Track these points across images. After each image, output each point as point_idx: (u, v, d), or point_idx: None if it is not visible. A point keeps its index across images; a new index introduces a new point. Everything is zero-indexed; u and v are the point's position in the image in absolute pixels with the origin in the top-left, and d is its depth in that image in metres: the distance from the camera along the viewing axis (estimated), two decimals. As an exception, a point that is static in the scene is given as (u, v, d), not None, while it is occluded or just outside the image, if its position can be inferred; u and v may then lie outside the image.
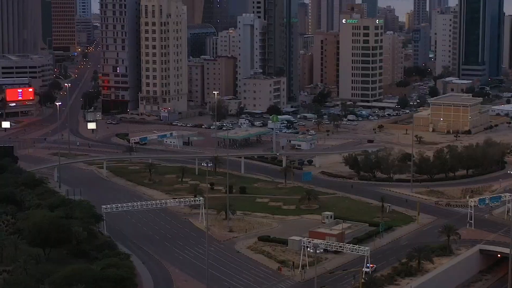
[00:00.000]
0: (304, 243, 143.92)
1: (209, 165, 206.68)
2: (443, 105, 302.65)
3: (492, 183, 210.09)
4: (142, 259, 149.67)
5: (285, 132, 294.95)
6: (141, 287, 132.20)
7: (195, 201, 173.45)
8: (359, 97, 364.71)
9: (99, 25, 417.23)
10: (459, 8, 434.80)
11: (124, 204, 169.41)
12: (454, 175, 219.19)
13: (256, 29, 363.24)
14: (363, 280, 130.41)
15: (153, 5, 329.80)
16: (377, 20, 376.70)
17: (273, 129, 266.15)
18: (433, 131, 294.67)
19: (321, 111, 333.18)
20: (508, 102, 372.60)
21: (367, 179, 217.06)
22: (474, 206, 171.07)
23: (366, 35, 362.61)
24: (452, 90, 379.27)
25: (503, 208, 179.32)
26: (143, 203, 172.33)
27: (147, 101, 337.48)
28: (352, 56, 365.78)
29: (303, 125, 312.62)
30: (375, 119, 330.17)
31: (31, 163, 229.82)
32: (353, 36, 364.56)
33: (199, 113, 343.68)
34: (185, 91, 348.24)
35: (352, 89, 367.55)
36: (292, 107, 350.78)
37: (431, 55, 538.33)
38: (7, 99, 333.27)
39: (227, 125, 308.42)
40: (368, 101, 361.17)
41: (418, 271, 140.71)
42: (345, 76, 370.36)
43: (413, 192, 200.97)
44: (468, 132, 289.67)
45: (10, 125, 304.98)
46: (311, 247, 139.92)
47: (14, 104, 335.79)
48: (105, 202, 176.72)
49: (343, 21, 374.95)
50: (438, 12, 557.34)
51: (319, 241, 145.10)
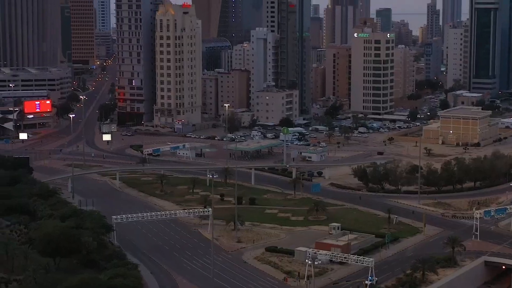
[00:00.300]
0: (309, 254, 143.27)
1: (215, 176, 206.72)
2: (453, 117, 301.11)
3: (499, 195, 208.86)
4: (150, 269, 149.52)
5: (297, 144, 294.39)
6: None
7: (204, 212, 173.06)
8: (370, 109, 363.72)
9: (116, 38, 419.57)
10: (469, 22, 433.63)
11: (134, 215, 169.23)
12: (461, 187, 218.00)
13: (269, 43, 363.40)
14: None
15: (168, 20, 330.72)
16: (388, 34, 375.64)
17: (283, 141, 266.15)
18: (442, 143, 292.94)
19: (333, 123, 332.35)
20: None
21: (376, 191, 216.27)
22: (480, 218, 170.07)
23: (378, 49, 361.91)
24: (463, 103, 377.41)
25: (508, 220, 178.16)
26: (153, 213, 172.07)
27: (161, 113, 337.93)
28: (364, 70, 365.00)
29: (314, 137, 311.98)
30: (385, 131, 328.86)
31: (46, 174, 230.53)
32: (364, 50, 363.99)
33: (212, 125, 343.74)
34: (199, 103, 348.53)
35: (363, 102, 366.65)
36: (304, 119, 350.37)
37: (443, 69, 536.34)
38: (25, 111, 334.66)
39: (239, 137, 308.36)
40: (379, 114, 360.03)
41: (423, 282, 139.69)
42: (356, 89, 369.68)
43: (420, 204, 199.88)
44: (477, 145, 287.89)
45: (28, 136, 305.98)
46: (309, 259, 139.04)
47: (32, 116, 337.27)
48: (116, 212, 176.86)
49: (355, 35, 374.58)
50: (450, 26, 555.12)
51: (323, 252, 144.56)
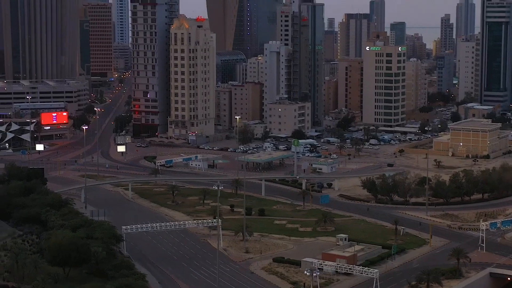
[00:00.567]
0: (315, 265, 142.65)
1: (221, 187, 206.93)
2: (463, 130, 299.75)
3: (506, 207, 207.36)
4: (158, 278, 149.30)
5: (308, 155, 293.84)
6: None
7: (212, 222, 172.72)
8: (382, 122, 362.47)
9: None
10: (481, 35, 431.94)
11: (144, 225, 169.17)
12: (469, 199, 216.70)
13: (282, 56, 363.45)
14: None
15: (182, 33, 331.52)
16: (400, 48, 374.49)
17: (295, 152, 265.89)
18: (452, 155, 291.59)
19: (344, 135, 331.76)
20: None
21: (384, 202, 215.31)
22: (486, 229, 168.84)
23: (389, 62, 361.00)
24: (474, 115, 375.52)
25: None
26: (162, 224, 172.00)
27: (175, 125, 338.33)
28: (375, 82, 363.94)
29: (326, 149, 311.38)
30: (396, 143, 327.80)
31: (60, 184, 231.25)
32: (376, 63, 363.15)
33: (226, 136, 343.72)
34: (212, 115, 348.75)
35: (375, 114, 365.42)
36: (316, 131, 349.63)
37: (455, 82, 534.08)
38: (42, 122, 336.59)
39: (252, 148, 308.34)
40: (390, 126, 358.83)
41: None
42: (368, 101, 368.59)
43: (428, 215, 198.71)
44: (487, 157, 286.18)
45: (44, 147, 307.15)
46: (307, 270, 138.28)
47: (48, 128, 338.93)
48: (127, 222, 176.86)
49: (367, 48, 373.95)
50: (462, 39, 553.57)
51: (329, 263, 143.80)
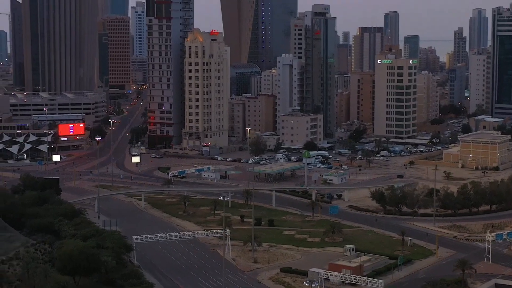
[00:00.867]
0: (321, 275, 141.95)
1: (226, 199, 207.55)
2: (473, 142, 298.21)
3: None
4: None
5: (319, 167, 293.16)
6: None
7: (221, 232, 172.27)
8: (393, 133, 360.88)
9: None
10: (492, 49, 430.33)
11: (154, 235, 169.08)
12: (477, 210, 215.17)
13: (295, 68, 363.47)
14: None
15: (196, 46, 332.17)
16: (411, 61, 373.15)
17: (306, 163, 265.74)
18: (462, 167, 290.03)
19: (356, 147, 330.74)
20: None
21: (393, 213, 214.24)
22: (492, 241, 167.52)
23: (400, 74, 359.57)
24: (484, 127, 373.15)
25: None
26: (172, 234, 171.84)
27: (190, 137, 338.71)
28: (387, 95, 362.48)
29: (337, 160, 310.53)
30: (407, 155, 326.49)
31: (75, 194, 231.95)
32: (387, 75, 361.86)
33: (239, 148, 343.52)
34: (226, 127, 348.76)
35: (386, 126, 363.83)
36: (328, 143, 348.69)
37: (467, 94, 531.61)
38: (59, 133, 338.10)
39: (264, 159, 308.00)
40: (402, 138, 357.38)
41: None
42: (380, 113, 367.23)
43: (435, 226, 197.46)
44: (496, 169, 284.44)
45: (60, 158, 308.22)
46: (306, 281, 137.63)
47: (65, 139, 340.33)
48: (139, 232, 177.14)
49: (378, 61, 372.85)
50: (474, 53, 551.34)
51: (335, 273, 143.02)
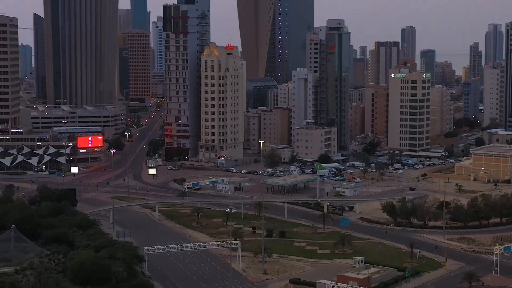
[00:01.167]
0: (329, 287, 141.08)
1: (233, 210, 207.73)
2: (485, 155, 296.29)
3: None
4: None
5: (333, 179, 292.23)
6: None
7: (232, 244, 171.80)
8: (407, 146, 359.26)
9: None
10: (505, 63, 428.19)
11: (165, 246, 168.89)
12: (487, 223, 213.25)
13: (309, 82, 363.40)
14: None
15: (212, 60, 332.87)
16: (424, 75, 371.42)
17: (319, 176, 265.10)
18: (474, 180, 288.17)
19: (369, 159, 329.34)
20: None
21: (403, 226, 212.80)
22: (500, 253, 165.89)
23: (414, 88, 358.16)
24: (498, 140, 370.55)
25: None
26: (183, 245, 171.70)
27: (206, 149, 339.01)
28: (400, 108, 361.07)
29: (350, 173, 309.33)
30: (420, 167, 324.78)
31: (90, 205, 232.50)
32: (401, 89, 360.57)
33: (254, 160, 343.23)
34: (241, 139, 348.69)
35: (400, 139, 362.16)
36: (342, 155, 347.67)
37: (481, 108, 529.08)
38: (78, 146, 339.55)
39: (278, 172, 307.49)
40: (415, 151, 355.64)
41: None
42: (394, 126, 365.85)
43: (445, 239, 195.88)
44: (508, 182, 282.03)
45: (79, 170, 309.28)
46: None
47: (84, 151, 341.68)
48: (152, 243, 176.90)
49: (392, 75, 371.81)
50: (489, 67, 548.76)
51: (342, 285, 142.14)
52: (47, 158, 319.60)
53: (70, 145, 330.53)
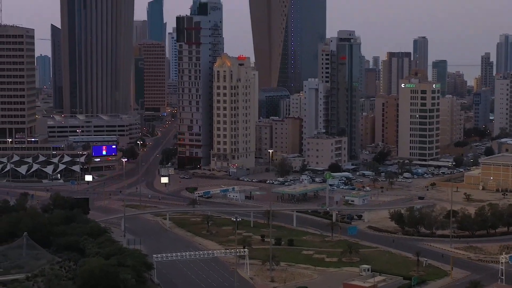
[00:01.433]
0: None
1: (239, 219, 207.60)
2: (493, 164, 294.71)
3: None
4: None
5: (342, 188, 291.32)
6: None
7: (239, 252, 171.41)
8: (416, 156, 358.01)
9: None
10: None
11: (174, 254, 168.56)
12: (494, 232, 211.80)
13: (320, 92, 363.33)
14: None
15: (224, 71, 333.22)
16: (434, 85, 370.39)
17: (329, 185, 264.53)
18: (483, 189, 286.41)
19: (379, 168, 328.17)
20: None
21: (411, 234, 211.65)
22: (505, 262, 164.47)
23: (424, 98, 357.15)
24: (507, 150, 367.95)
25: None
26: (192, 253, 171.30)
27: (218, 158, 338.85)
28: (410, 118, 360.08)
29: (360, 182, 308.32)
30: (429, 177, 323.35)
31: (103, 213, 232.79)
32: (411, 99, 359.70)
33: (266, 169, 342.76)
34: (253, 148, 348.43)
35: (410, 149, 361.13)
36: (352, 164, 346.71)
37: (492, 117, 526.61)
38: (93, 154, 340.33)
39: (289, 180, 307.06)
40: (425, 160, 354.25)
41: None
42: (403, 136, 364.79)
43: (452, 247, 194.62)
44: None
45: (93, 178, 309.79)
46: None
47: (98, 160, 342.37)
48: (162, 251, 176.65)
49: (402, 85, 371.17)
50: (500, 77, 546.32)
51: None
52: (62, 167, 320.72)
53: (85, 154, 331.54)
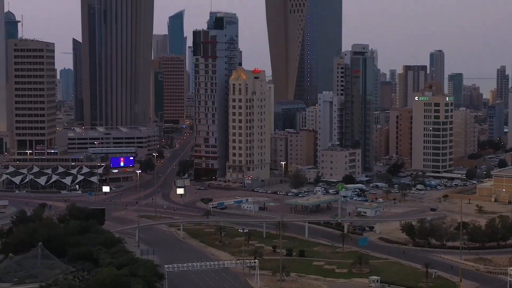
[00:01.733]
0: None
1: (245, 231, 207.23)
2: (505, 176, 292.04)
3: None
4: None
5: (356, 199, 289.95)
6: None
7: (249, 262, 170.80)
8: (430, 168, 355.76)
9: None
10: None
11: (185, 264, 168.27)
12: (505, 243, 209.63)
13: (335, 105, 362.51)
14: None
15: (240, 84, 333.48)
16: (447, 98, 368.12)
17: (342, 196, 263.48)
18: (495, 201, 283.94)
19: (393, 180, 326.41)
20: None
21: (421, 246, 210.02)
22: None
23: (437, 111, 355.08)
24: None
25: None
26: (203, 263, 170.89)
27: (233, 169, 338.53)
28: (424, 131, 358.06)
29: (373, 193, 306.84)
30: (442, 188, 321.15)
31: (119, 224, 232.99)
32: (424, 112, 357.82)
33: (280, 180, 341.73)
34: (267, 160, 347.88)
35: (424, 161, 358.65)
36: (366, 176, 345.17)
37: (506, 130, 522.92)
38: (111, 166, 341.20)
39: (303, 192, 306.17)
40: (438, 172, 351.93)
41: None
42: (417, 148, 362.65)
43: (462, 259, 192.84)
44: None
45: (110, 189, 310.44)
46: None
47: (116, 171, 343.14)
48: (175, 261, 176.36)
49: (416, 98, 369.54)
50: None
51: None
52: (80, 178, 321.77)
53: (103, 165, 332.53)
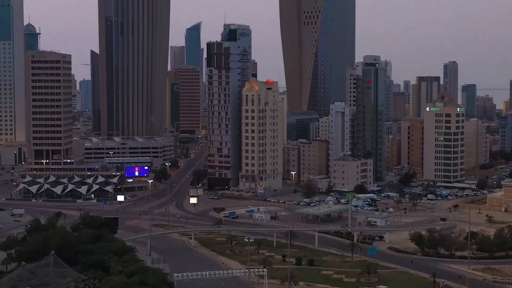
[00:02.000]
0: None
1: (251, 240, 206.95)
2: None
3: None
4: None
5: (366, 209, 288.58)
6: None
7: (258, 271, 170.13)
8: (441, 178, 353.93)
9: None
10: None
11: (194, 273, 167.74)
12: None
13: (346, 115, 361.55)
14: None
15: (252, 95, 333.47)
16: (459, 108, 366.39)
17: (353, 206, 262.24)
18: (505, 211, 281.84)
19: (404, 190, 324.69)
20: None
21: (430, 255, 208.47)
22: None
23: (448, 121, 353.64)
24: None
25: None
26: (212, 272, 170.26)
27: (246, 179, 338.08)
28: (435, 141, 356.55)
29: (384, 203, 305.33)
30: (453, 198, 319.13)
31: (132, 232, 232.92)
32: (436, 122, 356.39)
33: (293, 190, 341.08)
34: (280, 170, 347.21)
35: (435, 171, 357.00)
36: (378, 186, 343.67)
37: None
38: (125, 175, 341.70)
39: (315, 201, 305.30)
40: (449, 182, 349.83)
41: None
42: (429, 158, 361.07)
43: (470, 269, 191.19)
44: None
45: (125, 198, 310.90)
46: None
47: (131, 180, 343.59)
48: (185, 269, 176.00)
49: (427, 109, 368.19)
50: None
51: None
52: (95, 187, 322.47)
53: (118, 174, 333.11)
